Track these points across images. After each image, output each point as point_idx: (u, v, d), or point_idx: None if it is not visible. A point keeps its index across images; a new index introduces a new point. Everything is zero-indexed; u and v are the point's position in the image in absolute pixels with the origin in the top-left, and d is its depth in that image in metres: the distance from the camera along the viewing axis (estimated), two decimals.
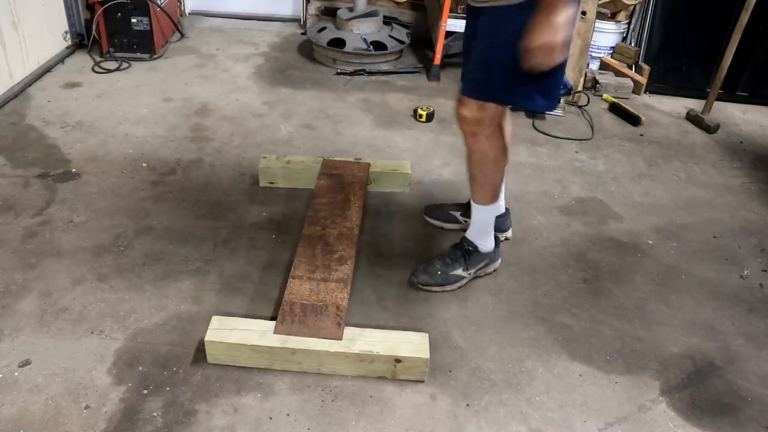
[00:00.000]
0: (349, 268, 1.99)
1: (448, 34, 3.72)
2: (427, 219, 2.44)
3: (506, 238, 2.35)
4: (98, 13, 3.60)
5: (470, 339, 1.92)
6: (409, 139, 3.05)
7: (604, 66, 3.90)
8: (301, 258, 2.02)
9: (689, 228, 2.54)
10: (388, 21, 4.13)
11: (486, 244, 2.12)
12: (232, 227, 2.35)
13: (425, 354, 1.73)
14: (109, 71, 3.57)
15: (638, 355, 1.91)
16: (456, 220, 2.39)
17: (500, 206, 2.25)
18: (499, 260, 2.20)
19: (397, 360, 1.72)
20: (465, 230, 2.17)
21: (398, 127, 3.16)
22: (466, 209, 2.32)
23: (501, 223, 2.29)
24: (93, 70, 3.57)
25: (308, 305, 1.84)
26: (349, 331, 1.78)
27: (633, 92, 3.68)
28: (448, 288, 2.09)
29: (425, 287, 2.09)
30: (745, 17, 3.09)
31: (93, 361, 1.77)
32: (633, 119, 3.36)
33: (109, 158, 2.73)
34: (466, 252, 2.11)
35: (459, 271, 2.09)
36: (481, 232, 2.11)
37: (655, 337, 1.98)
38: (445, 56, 3.78)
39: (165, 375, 1.74)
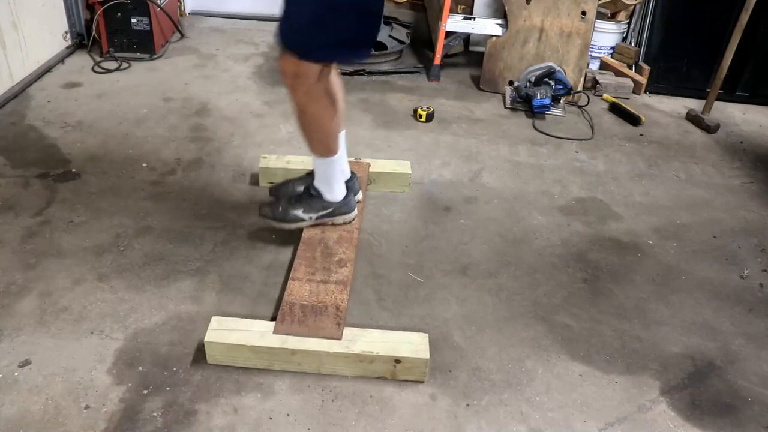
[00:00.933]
0: (348, 270, 1.99)
1: (448, 34, 3.71)
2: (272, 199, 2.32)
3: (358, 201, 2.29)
4: (98, 13, 3.60)
5: (470, 339, 1.92)
6: (409, 139, 3.05)
7: (604, 66, 3.90)
8: (301, 260, 2.03)
9: (689, 228, 2.54)
10: (388, 21, 4.13)
11: (331, 193, 2.13)
12: (232, 227, 2.35)
13: (425, 354, 1.73)
14: (109, 71, 3.57)
15: (638, 355, 1.91)
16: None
17: (344, 170, 2.23)
18: (353, 214, 2.19)
19: (397, 360, 1.72)
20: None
21: (398, 127, 3.16)
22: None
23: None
24: (93, 70, 3.56)
25: (308, 306, 1.84)
26: (348, 332, 1.78)
27: (633, 92, 3.68)
28: (285, 226, 2.15)
29: (264, 218, 2.15)
30: (745, 17, 3.09)
31: (93, 361, 1.77)
32: (633, 119, 3.36)
33: (109, 158, 2.73)
34: (310, 196, 2.14)
35: (299, 212, 2.13)
36: (324, 182, 2.12)
37: (655, 337, 1.98)
38: (445, 56, 3.78)
39: (165, 375, 1.74)
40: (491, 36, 3.58)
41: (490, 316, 2.02)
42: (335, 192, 2.14)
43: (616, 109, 3.48)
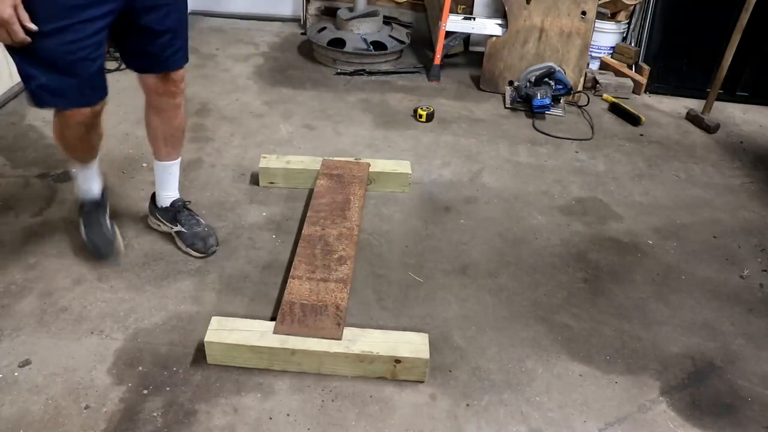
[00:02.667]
0: (348, 268, 1.99)
1: (448, 34, 3.72)
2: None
3: None
4: None
5: (470, 339, 1.92)
6: (409, 139, 3.05)
7: (604, 66, 3.90)
8: (301, 258, 2.03)
9: (689, 228, 2.54)
10: (388, 21, 4.13)
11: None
12: (232, 227, 2.35)
13: (425, 354, 1.73)
14: (109, 71, 3.55)
15: (638, 355, 1.91)
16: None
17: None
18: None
19: (397, 360, 1.72)
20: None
21: (398, 127, 3.16)
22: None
23: None
24: None
25: (308, 305, 1.84)
26: (349, 332, 1.78)
27: (633, 92, 3.68)
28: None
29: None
30: (745, 17, 3.09)
31: (93, 361, 1.77)
32: (633, 119, 3.36)
33: (109, 158, 2.73)
34: None
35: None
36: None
37: (655, 337, 1.98)
38: (445, 56, 3.78)
39: (165, 375, 1.74)
40: (491, 36, 3.58)
41: (490, 316, 2.02)
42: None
43: (616, 109, 3.48)
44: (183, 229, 2.17)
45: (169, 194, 2.20)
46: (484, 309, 2.04)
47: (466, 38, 4.07)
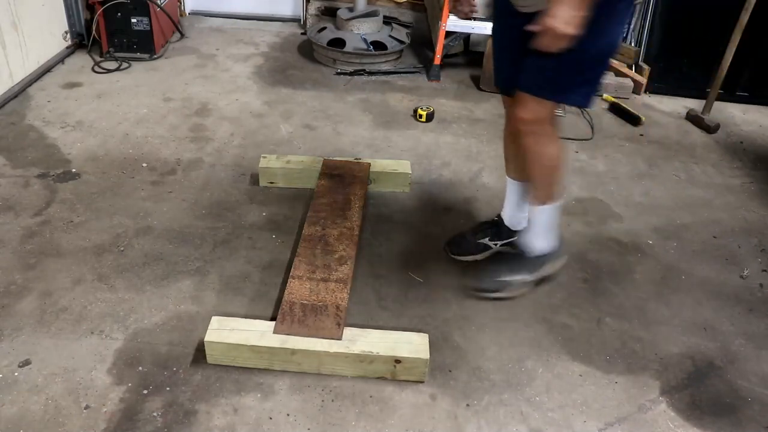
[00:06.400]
0: (349, 268, 1.99)
1: (448, 34, 3.71)
2: (456, 258, 2.22)
3: None
4: (98, 13, 3.60)
5: (470, 339, 1.92)
6: (409, 139, 3.05)
7: None
8: (301, 258, 2.03)
9: (689, 228, 2.54)
10: (388, 21, 4.13)
11: (547, 243, 2.04)
12: (232, 227, 2.35)
13: (425, 354, 1.73)
14: (109, 71, 3.57)
15: (638, 355, 1.91)
16: (487, 248, 2.22)
17: None
18: (564, 258, 2.12)
19: (397, 360, 1.72)
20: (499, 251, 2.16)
21: (398, 127, 3.16)
22: (493, 230, 2.22)
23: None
24: (93, 70, 3.57)
25: (308, 305, 1.84)
26: (349, 332, 1.78)
27: (633, 92, 3.68)
28: (515, 294, 2.05)
29: (487, 293, 2.04)
30: (745, 17, 3.09)
31: (93, 361, 1.77)
32: (633, 119, 3.36)
33: (109, 158, 2.73)
34: (525, 258, 2.03)
35: (525, 276, 2.03)
36: (541, 235, 2.02)
37: (655, 337, 1.98)
38: (445, 56, 3.78)
39: (165, 375, 1.74)
40: (491, 36, 3.58)
41: (490, 316, 2.01)
42: (550, 240, 2.03)
43: (616, 109, 3.48)
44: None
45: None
46: (484, 309, 2.04)
47: (466, 38, 4.07)
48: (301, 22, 4.52)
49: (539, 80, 1.74)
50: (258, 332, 1.76)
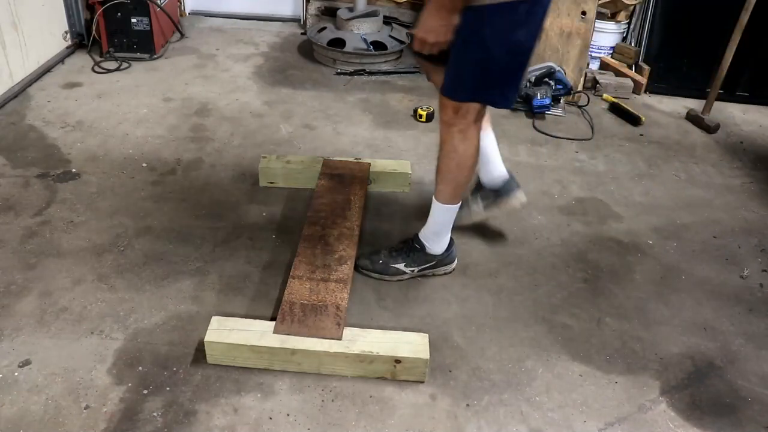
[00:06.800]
0: (349, 268, 1.99)
1: None
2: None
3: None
4: (98, 13, 3.60)
5: (470, 339, 1.92)
6: (409, 139, 3.05)
7: (604, 66, 3.90)
8: (301, 258, 2.03)
9: (689, 228, 2.54)
10: (388, 21, 4.13)
11: (436, 245, 2.10)
12: (232, 227, 2.35)
13: (425, 354, 1.73)
14: (109, 71, 3.57)
15: (638, 355, 1.91)
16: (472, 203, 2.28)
17: (502, 172, 2.26)
18: (454, 264, 2.17)
19: (397, 360, 1.72)
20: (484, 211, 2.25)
21: (398, 127, 3.16)
22: (475, 189, 2.29)
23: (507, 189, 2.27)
24: (93, 70, 3.57)
25: (308, 305, 1.84)
26: (349, 332, 1.78)
27: (633, 92, 3.68)
28: (386, 278, 2.11)
29: (364, 271, 2.12)
30: (745, 17, 3.09)
31: (93, 361, 1.77)
32: (633, 119, 3.36)
33: (109, 158, 2.73)
34: (412, 249, 2.11)
35: (400, 266, 2.10)
36: (434, 233, 2.09)
37: (655, 337, 1.98)
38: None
39: (165, 375, 1.74)
40: None
41: (490, 316, 2.02)
42: (440, 244, 2.10)
43: (616, 109, 3.48)
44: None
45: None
46: (484, 309, 2.04)
47: None
48: (301, 22, 4.52)
49: (449, 82, 1.80)
50: (258, 332, 1.76)
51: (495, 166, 2.25)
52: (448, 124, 1.85)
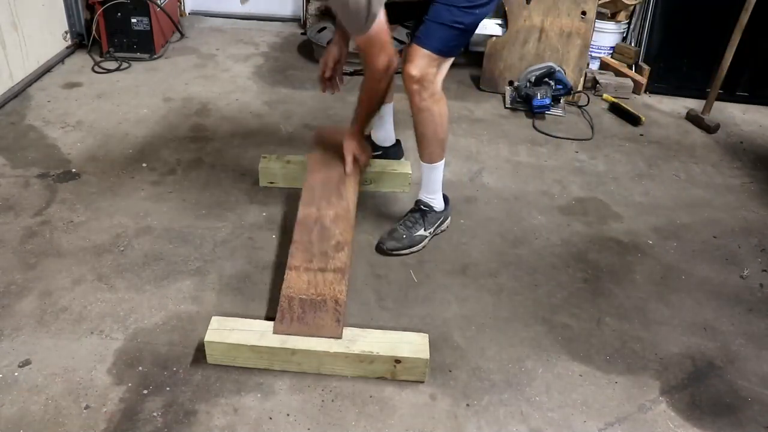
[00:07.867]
0: (346, 255, 1.97)
1: None
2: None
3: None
4: (98, 13, 3.60)
5: (470, 339, 1.92)
6: (410, 139, 3.04)
7: (604, 66, 3.90)
8: (298, 245, 2.00)
9: (689, 228, 2.54)
10: None
11: (438, 202, 2.31)
12: (232, 227, 2.35)
13: (425, 354, 1.73)
14: (109, 71, 3.57)
15: (638, 355, 1.91)
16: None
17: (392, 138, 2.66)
18: (450, 218, 2.38)
19: (397, 360, 1.72)
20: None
21: (398, 127, 3.15)
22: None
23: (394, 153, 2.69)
24: (93, 70, 3.57)
25: (307, 300, 1.82)
26: (349, 332, 1.78)
27: (633, 92, 3.68)
28: (415, 249, 2.25)
29: (395, 252, 2.23)
30: (745, 17, 3.08)
31: (93, 361, 1.77)
32: (633, 119, 3.36)
33: (109, 158, 2.73)
34: (423, 213, 2.28)
35: (421, 232, 2.26)
36: (434, 191, 2.29)
37: (655, 337, 1.98)
38: None
39: (165, 375, 1.74)
40: (491, 36, 3.58)
41: (490, 316, 2.01)
42: (441, 199, 2.32)
43: (616, 109, 3.48)
44: None
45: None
46: (484, 309, 2.04)
47: None
48: (301, 22, 4.52)
49: (436, 42, 2.02)
50: (258, 332, 1.76)
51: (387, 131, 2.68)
52: (418, 93, 2.04)
